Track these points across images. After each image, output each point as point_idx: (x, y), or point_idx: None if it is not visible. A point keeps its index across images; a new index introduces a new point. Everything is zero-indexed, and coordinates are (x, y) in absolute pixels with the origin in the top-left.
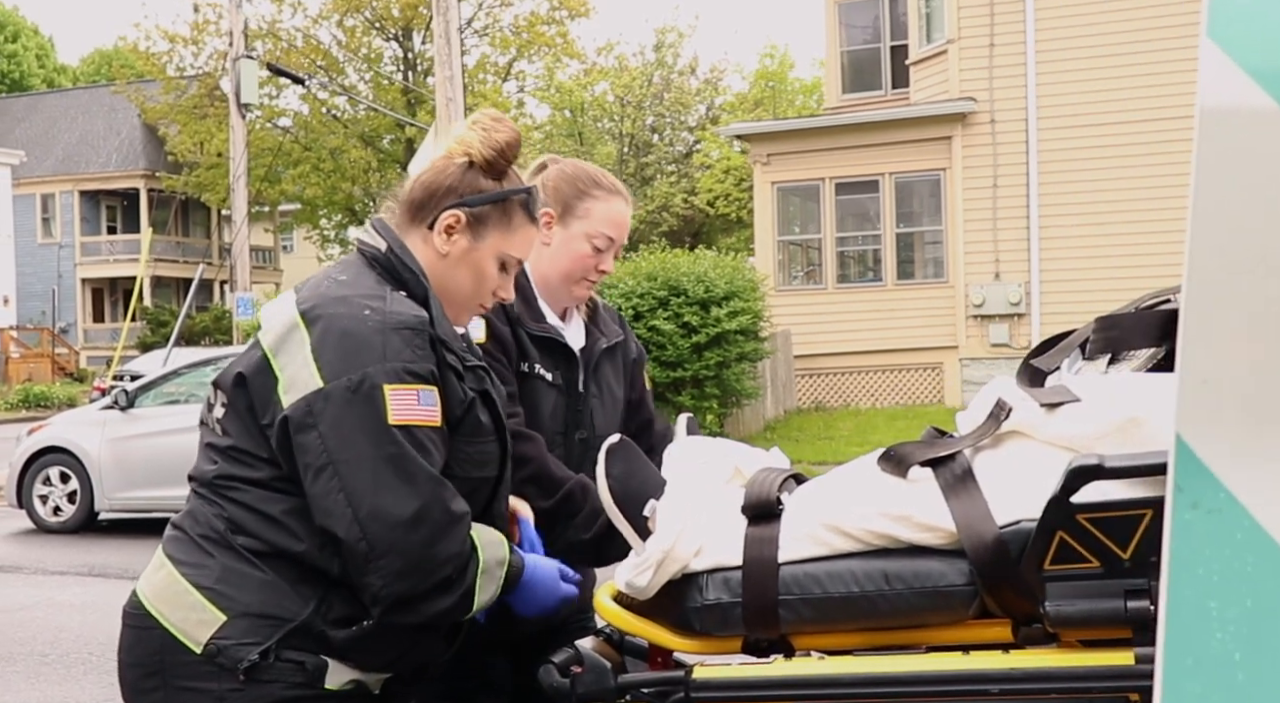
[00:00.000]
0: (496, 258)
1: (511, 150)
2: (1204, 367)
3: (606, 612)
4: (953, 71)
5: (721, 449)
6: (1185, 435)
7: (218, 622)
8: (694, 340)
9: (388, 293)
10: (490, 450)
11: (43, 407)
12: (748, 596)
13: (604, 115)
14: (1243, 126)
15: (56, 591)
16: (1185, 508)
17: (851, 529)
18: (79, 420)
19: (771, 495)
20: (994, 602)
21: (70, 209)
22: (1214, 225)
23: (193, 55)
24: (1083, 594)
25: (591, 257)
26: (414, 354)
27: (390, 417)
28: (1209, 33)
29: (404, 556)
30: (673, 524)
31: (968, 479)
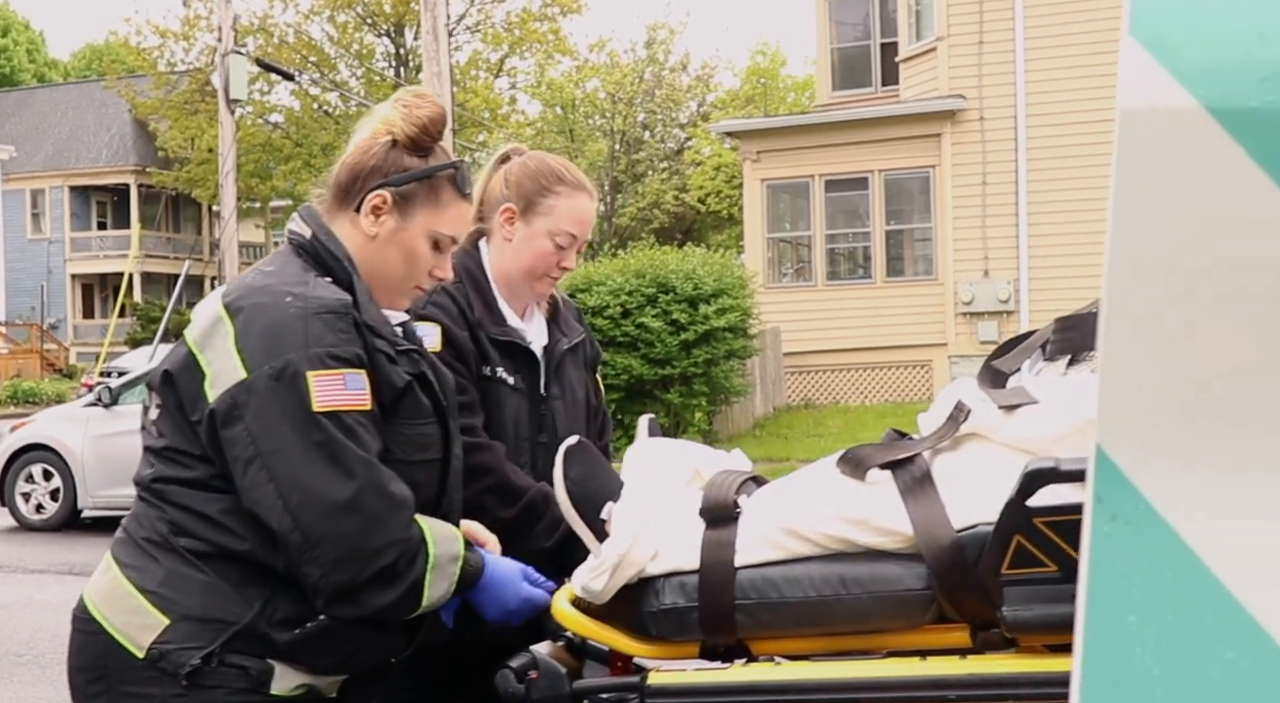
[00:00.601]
0: (427, 236)
1: (435, 126)
2: (1124, 375)
3: (563, 616)
4: (942, 69)
5: (681, 451)
6: (1105, 445)
7: (160, 625)
8: (682, 338)
9: (311, 279)
10: (430, 433)
11: (31, 403)
12: (704, 600)
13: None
14: (1164, 127)
15: (35, 589)
16: (1104, 520)
17: (809, 533)
18: (62, 417)
19: (729, 498)
20: (951, 607)
21: (60, 204)
22: (1133, 230)
23: (184, 50)
24: (1040, 599)
25: (554, 254)
26: (337, 338)
27: (314, 403)
28: (1130, 30)
29: (339, 543)
30: (629, 528)
31: (926, 482)
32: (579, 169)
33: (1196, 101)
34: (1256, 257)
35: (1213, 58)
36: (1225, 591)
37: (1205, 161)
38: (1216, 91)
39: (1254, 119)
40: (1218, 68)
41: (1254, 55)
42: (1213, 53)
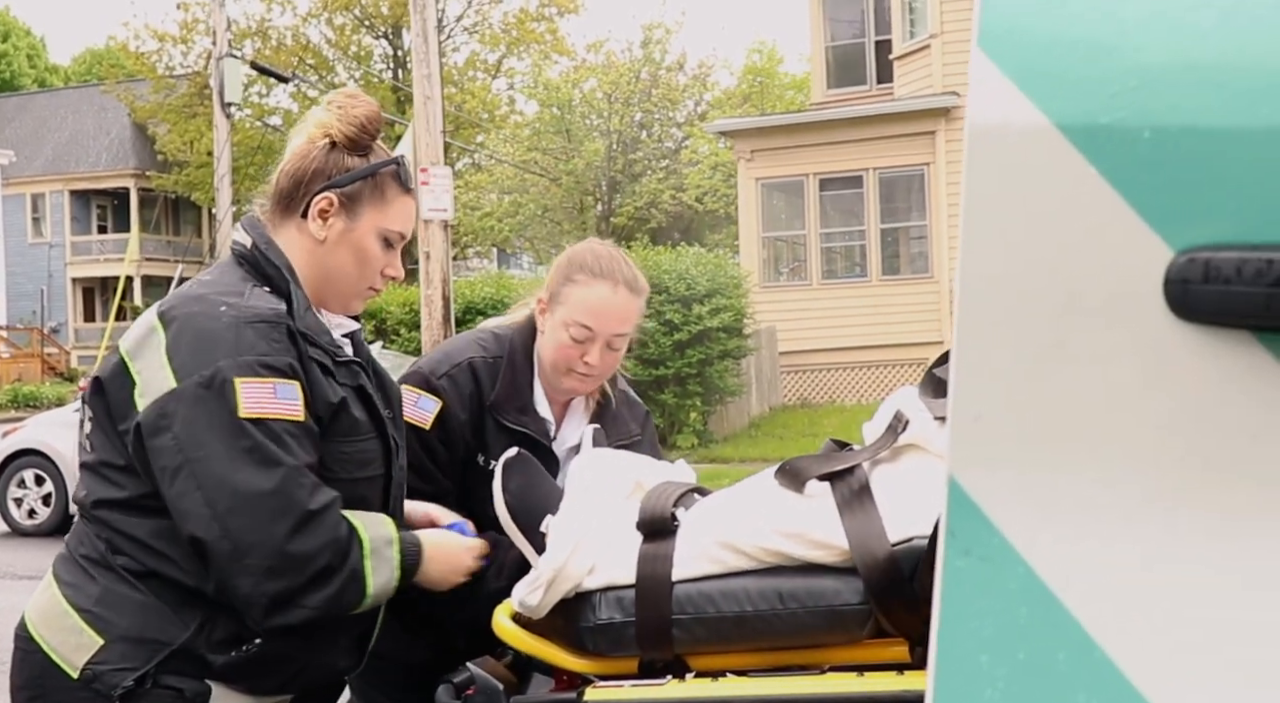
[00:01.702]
0: (377, 234)
1: (372, 124)
2: (976, 403)
3: (503, 631)
4: (936, 66)
5: (623, 463)
6: (958, 476)
7: (95, 645)
8: (676, 338)
9: (248, 289)
10: (370, 448)
11: (32, 407)
12: (641, 615)
13: (592, 112)
14: (1014, 145)
15: (23, 596)
16: (957, 555)
17: (746, 546)
18: (54, 422)
19: (666, 511)
20: (888, 621)
21: (60, 209)
22: (983, 253)
23: (182, 54)
24: None
25: (571, 347)
26: (270, 347)
27: (241, 410)
28: (979, 42)
29: (269, 551)
30: (566, 541)
31: (864, 495)
32: (623, 261)
33: (1046, 118)
34: (1109, 279)
35: (1062, 72)
36: (1080, 629)
37: (1057, 181)
38: (1067, 107)
39: (1106, 136)
40: (1068, 82)
41: (1104, 69)
42: (1062, 66)
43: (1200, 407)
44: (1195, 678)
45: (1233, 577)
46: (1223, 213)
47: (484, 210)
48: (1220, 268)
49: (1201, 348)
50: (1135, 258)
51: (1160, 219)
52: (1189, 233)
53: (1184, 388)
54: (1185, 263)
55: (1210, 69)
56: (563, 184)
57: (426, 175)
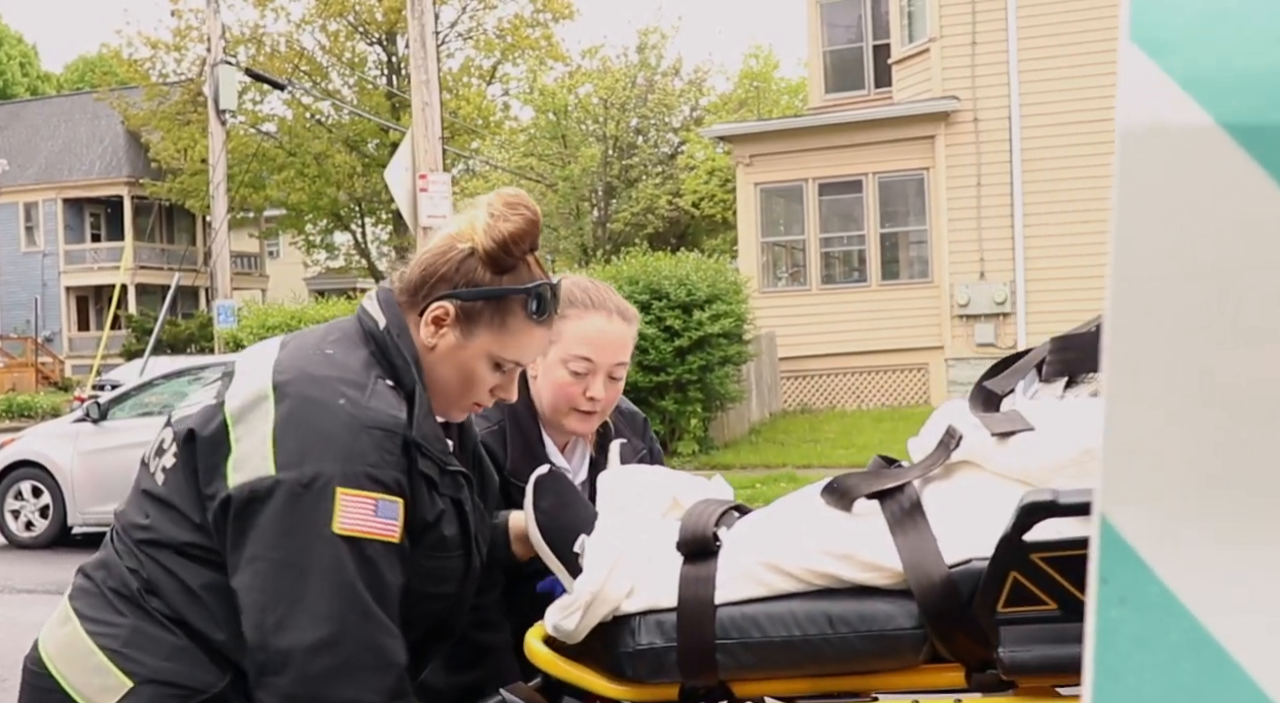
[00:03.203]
0: (488, 359)
1: (519, 242)
2: (1133, 434)
3: (536, 655)
4: (935, 70)
5: (659, 479)
6: (1111, 516)
7: (123, 688)
8: (676, 344)
9: (371, 381)
10: (454, 566)
11: (26, 417)
12: (683, 640)
13: (588, 117)
14: (1172, 147)
15: (21, 610)
16: (1111, 604)
17: (792, 568)
18: (51, 433)
19: (708, 531)
20: (944, 647)
21: (54, 217)
22: (1139, 266)
23: (175, 62)
24: (1039, 639)
25: (572, 383)
26: (382, 459)
27: (337, 524)
28: (1131, 36)
29: (298, 681)
30: (602, 563)
31: (916, 514)
32: (610, 291)
33: (1209, 117)
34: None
35: (1228, 67)
36: (1257, 688)
37: (1221, 186)
38: (1232, 105)
39: (1276, 136)
40: (1234, 78)
41: (1275, 63)
42: (1227, 61)
43: None
44: None
45: None
46: None
47: None
48: None
49: None
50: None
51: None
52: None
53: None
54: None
55: None
56: (559, 190)
57: (425, 182)
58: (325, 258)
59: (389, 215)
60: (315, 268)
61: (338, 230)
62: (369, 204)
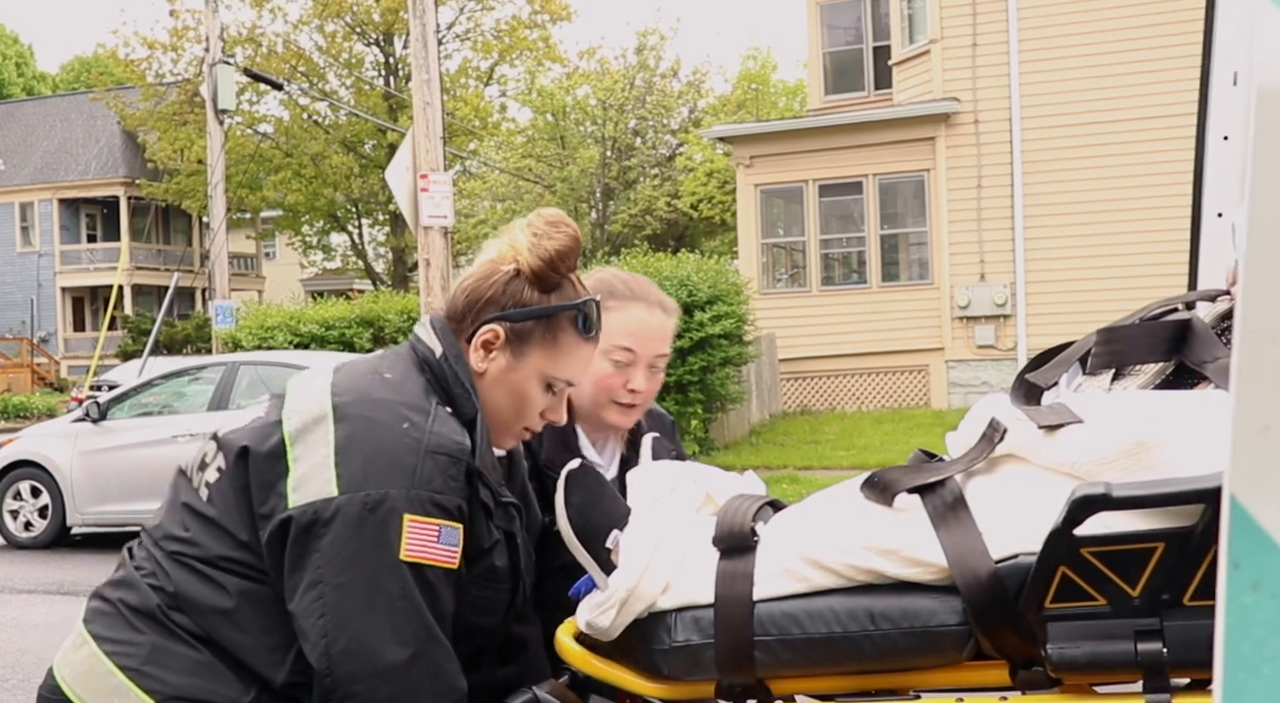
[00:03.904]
0: (540, 379)
1: (565, 260)
2: (1264, 411)
3: (569, 653)
4: (935, 72)
5: (691, 474)
6: (1241, 498)
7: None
8: (677, 345)
9: (433, 407)
10: (499, 599)
11: (22, 417)
12: (720, 637)
13: (586, 119)
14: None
15: (22, 610)
16: (1244, 590)
17: (833, 564)
18: (50, 433)
19: (745, 526)
20: (990, 643)
21: (49, 217)
22: (1276, 241)
23: (172, 62)
24: (1088, 635)
25: (615, 375)
26: (446, 485)
27: (403, 551)
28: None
29: (365, 684)
30: (638, 558)
31: (959, 508)
32: (648, 283)
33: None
34: None
35: None
36: None
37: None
38: None
39: None
40: None
41: None
42: None
43: None
44: None
45: None
46: None
47: (478, 218)
48: None
49: None
50: None
51: None
52: None
53: None
54: None
55: None
56: (557, 191)
57: (426, 182)
58: (322, 259)
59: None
60: (312, 269)
61: (335, 231)
62: (366, 205)
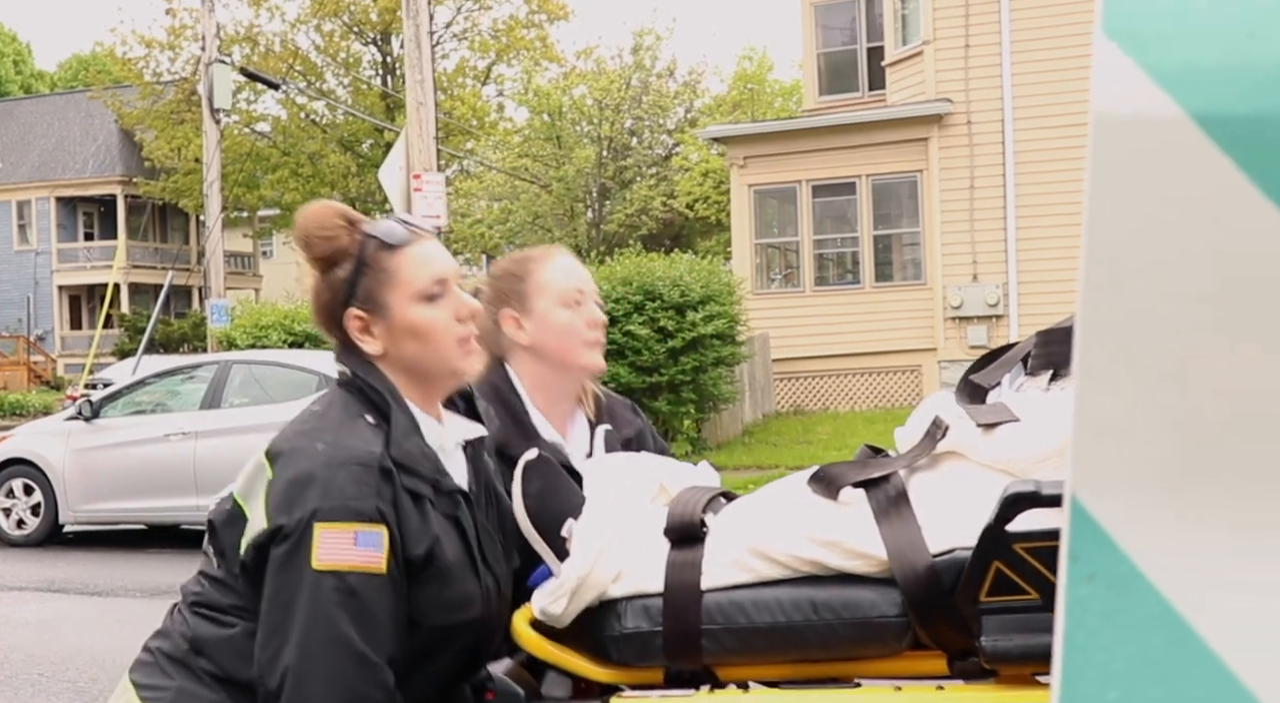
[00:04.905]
0: (415, 302)
1: (323, 225)
2: (1102, 414)
3: (523, 638)
4: (929, 73)
5: (646, 465)
6: (1080, 496)
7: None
8: (670, 345)
9: (350, 421)
10: (468, 590)
11: (18, 415)
12: (669, 625)
13: (582, 119)
14: (1143, 137)
15: (12, 607)
16: (1080, 581)
17: (778, 555)
18: (43, 431)
19: (695, 517)
20: (927, 635)
21: (47, 215)
22: (1110, 251)
23: (169, 60)
24: (1020, 628)
25: (573, 317)
26: (359, 491)
27: (315, 560)
28: (1104, 28)
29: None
30: (590, 547)
31: (901, 503)
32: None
33: (1180, 108)
34: (1250, 285)
35: (1198, 59)
36: (1221, 664)
37: (1191, 178)
38: (1202, 97)
39: (1244, 128)
40: (1204, 70)
41: (1246, 56)
42: (1198, 53)
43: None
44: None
45: None
46: None
47: (474, 218)
48: None
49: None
50: (1277, 259)
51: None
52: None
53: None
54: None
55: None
56: (553, 191)
57: (420, 182)
58: None
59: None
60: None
61: None
62: (363, 204)
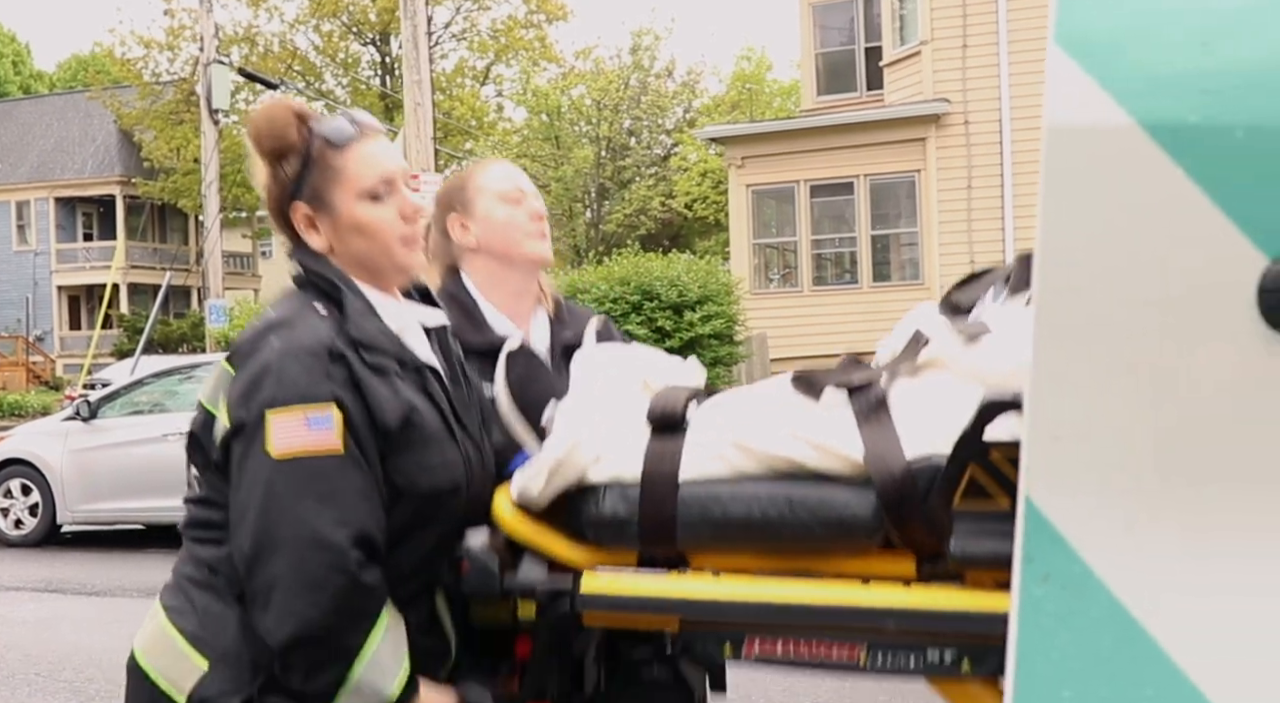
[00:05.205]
0: (359, 201)
1: (272, 121)
2: (1055, 420)
3: (502, 518)
4: (926, 73)
5: (632, 356)
6: (1035, 498)
7: (199, 671)
8: (667, 345)
9: (303, 314)
10: (451, 454)
11: (17, 415)
12: (645, 511)
13: (581, 119)
14: (1096, 146)
15: (10, 607)
16: (1035, 582)
17: (758, 450)
18: (41, 432)
19: (678, 408)
20: (899, 536)
21: (46, 216)
22: (1062, 261)
23: (168, 61)
24: (990, 534)
25: (514, 211)
26: (307, 375)
27: (272, 449)
28: (1056, 38)
29: (253, 596)
30: (571, 430)
31: (881, 409)
32: None
33: (1130, 118)
34: (1198, 289)
35: (1149, 69)
36: (1170, 662)
37: (1141, 184)
38: (1152, 106)
39: (1194, 136)
40: (1153, 79)
41: (1195, 66)
42: (1149, 63)
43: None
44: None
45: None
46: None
47: None
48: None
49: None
50: (1226, 266)
51: (1254, 224)
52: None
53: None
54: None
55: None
56: (552, 191)
57: (417, 182)
58: None
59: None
60: None
61: None
62: None
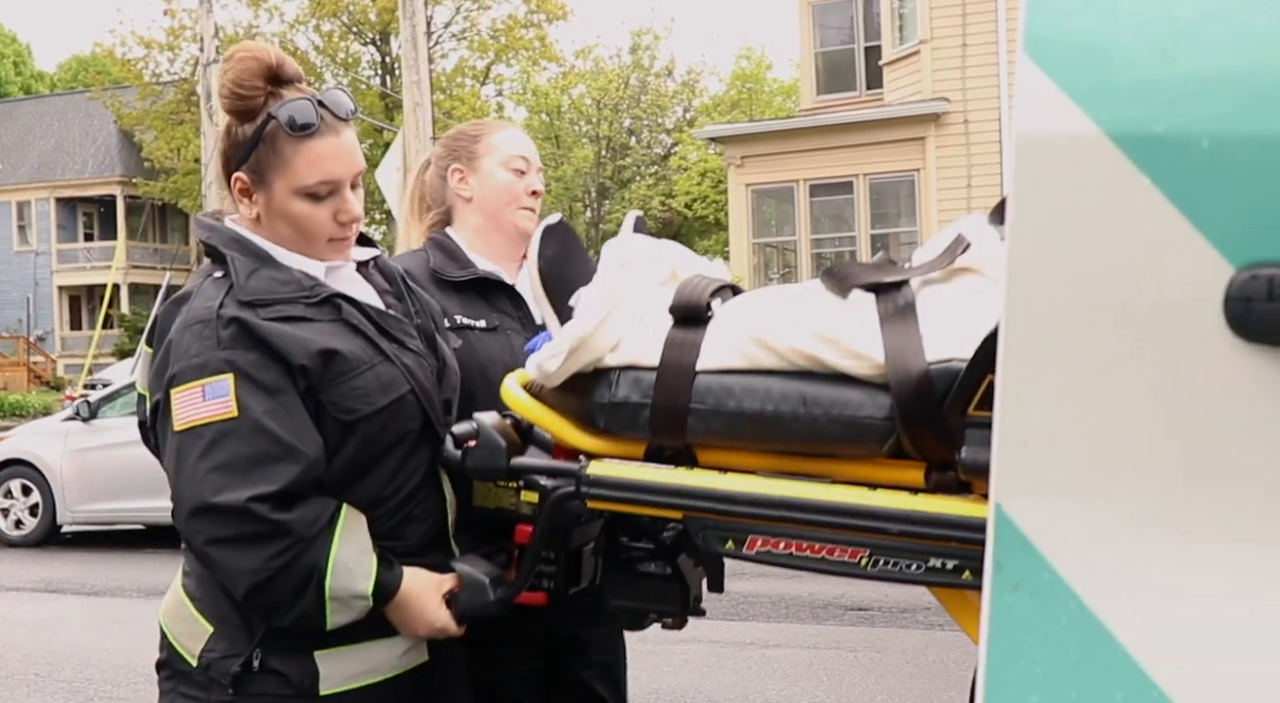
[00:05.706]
0: (296, 195)
1: (243, 83)
2: (1024, 427)
3: (511, 399)
4: (926, 72)
5: (662, 249)
6: (1005, 506)
7: (206, 634)
8: None
9: (200, 287)
10: (384, 373)
11: (18, 416)
12: (658, 399)
13: (581, 118)
14: (1063, 155)
15: (9, 607)
16: (1005, 590)
17: (777, 345)
18: (41, 432)
19: (702, 300)
20: (910, 442)
21: (46, 216)
22: (1030, 269)
23: (169, 61)
24: None
25: (515, 181)
26: (201, 347)
27: (175, 422)
28: (1026, 48)
29: (196, 557)
30: (595, 311)
31: (908, 310)
32: None
33: (1097, 127)
34: (1165, 297)
35: (1113, 78)
36: (1139, 669)
37: (1108, 193)
38: (1118, 115)
39: (1160, 145)
40: (1119, 89)
41: (1158, 74)
42: (1113, 72)
43: (1265, 432)
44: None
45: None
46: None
47: None
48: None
49: (1265, 370)
50: (1193, 274)
51: (1220, 233)
52: (1251, 247)
53: (1247, 412)
54: (1247, 279)
55: (1275, 73)
56: (552, 190)
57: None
58: None
59: (382, 215)
60: None
61: None
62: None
